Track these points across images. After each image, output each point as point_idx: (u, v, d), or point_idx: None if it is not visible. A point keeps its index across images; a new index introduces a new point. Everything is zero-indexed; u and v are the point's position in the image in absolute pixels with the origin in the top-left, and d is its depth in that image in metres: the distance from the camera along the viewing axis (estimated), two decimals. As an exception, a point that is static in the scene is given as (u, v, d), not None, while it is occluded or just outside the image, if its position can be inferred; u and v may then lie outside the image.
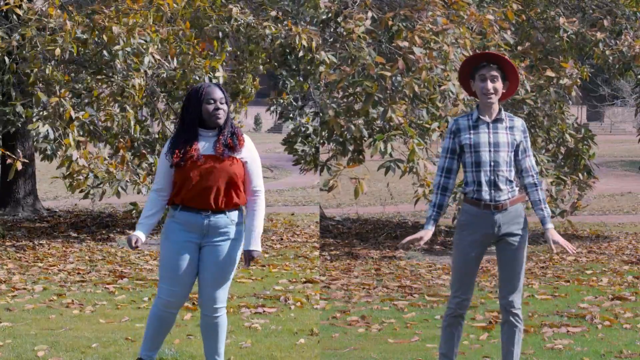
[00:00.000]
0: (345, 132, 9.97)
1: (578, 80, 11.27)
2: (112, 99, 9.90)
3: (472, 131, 4.82)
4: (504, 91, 4.88)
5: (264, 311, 7.25)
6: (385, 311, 7.49)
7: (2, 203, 14.03)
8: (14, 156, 9.26)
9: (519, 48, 11.56)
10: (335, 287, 8.64)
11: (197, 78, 10.00)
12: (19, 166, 9.23)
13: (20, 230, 12.26)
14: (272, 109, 12.82)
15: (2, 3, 9.63)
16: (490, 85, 4.79)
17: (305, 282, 8.66)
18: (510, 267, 4.88)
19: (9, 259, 9.92)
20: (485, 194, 4.80)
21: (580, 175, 11.84)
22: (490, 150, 4.80)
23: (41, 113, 9.61)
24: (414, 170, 9.45)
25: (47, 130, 9.43)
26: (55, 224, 13.17)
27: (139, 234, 4.82)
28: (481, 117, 4.84)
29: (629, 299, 8.04)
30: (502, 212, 4.83)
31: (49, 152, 9.92)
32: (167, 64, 10.12)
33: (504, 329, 4.96)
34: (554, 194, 10.95)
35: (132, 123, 9.82)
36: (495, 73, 4.80)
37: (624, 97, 38.50)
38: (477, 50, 10.57)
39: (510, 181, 4.84)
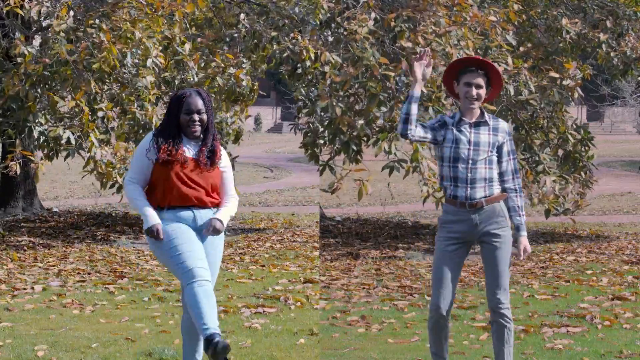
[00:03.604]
0: (349, 132, 9.97)
1: (580, 81, 11.27)
2: (121, 99, 9.93)
3: (455, 129, 4.89)
4: (486, 96, 4.93)
5: (264, 311, 7.25)
6: (385, 311, 7.49)
7: (2, 203, 14.03)
8: (34, 159, 9.27)
9: (521, 49, 11.55)
10: (335, 287, 8.64)
11: (223, 82, 10.24)
12: (43, 170, 9.29)
13: (20, 230, 12.26)
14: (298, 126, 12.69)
15: (2, 5, 9.61)
16: (474, 92, 4.87)
17: (305, 282, 8.66)
18: (493, 266, 4.91)
19: (9, 259, 9.91)
20: (461, 191, 4.85)
21: (582, 173, 11.85)
22: (469, 148, 4.86)
23: (62, 120, 9.63)
24: (418, 170, 9.46)
25: (69, 136, 9.46)
26: (55, 224, 13.17)
27: (158, 225, 4.71)
28: (463, 118, 4.90)
29: (629, 299, 8.03)
30: (479, 211, 4.86)
31: (70, 155, 9.88)
32: (191, 70, 10.22)
33: (493, 329, 4.98)
34: (557, 192, 10.97)
35: (155, 120, 9.82)
36: (480, 80, 4.87)
37: (624, 97, 38.50)
38: (479, 51, 10.57)
39: (489, 180, 4.87)
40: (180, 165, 4.76)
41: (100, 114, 9.57)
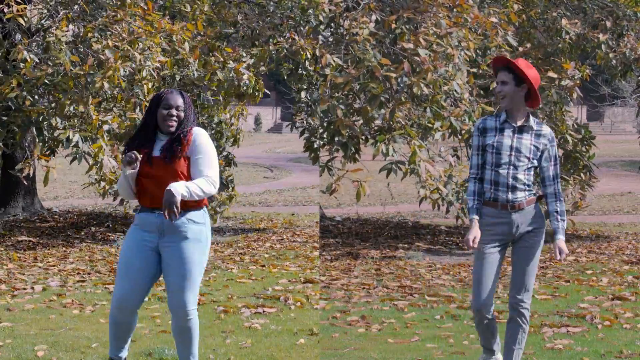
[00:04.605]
0: (349, 132, 9.97)
1: (579, 81, 11.27)
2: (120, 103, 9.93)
3: (497, 133, 4.91)
4: (527, 100, 4.93)
5: (264, 311, 7.25)
6: (385, 311, 7.49)
7: (2, 203, 14.03)
8: (47, 164, 9.34)
9: (521, 49, 11.56)
10: (335, 287, 8.64)
11: (223, 77, 10.24)
12: (55, 175, 9.32)
13: (20, 230, 12.26)
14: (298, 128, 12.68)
15: (5, 10, 9.59)
16: (498, 88, 4.90)
17: (305, 282, 8.66)
18: (522, 265, 4.95)
19: (9, 259, 9.92)
20: (502, 194, 4.88)
21: (582, 175, 11.86)
22: (511, 154, 4.88)
23: (69, 122, 9.63)
24: (415, 172, 9.46)
25: (78, 139, 9.46)
26: (55, 224, 13.17)
27: (131, 153, 4.74)
28: (508, 120, 4.91)
29: (629, 299, 8.04)
30: (520, 212, 4.90)
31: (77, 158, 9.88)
32: (192, 66, 10.24)
33: (508, 327, 5.02)
34: None
35: None
36: (504, 78, 4.89)
37: (624, 97, 38.50)
38: (478, 51, 10.58)
39: (529, 185, 4.90)
40: (145, 165, 4.76)
41: (105, 127, 9.56)
